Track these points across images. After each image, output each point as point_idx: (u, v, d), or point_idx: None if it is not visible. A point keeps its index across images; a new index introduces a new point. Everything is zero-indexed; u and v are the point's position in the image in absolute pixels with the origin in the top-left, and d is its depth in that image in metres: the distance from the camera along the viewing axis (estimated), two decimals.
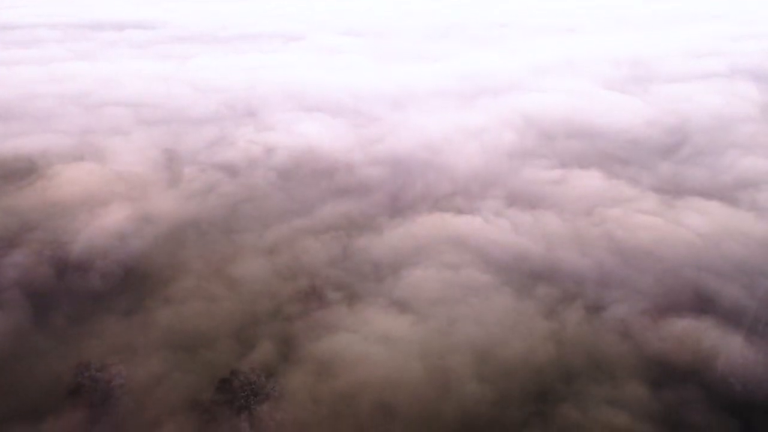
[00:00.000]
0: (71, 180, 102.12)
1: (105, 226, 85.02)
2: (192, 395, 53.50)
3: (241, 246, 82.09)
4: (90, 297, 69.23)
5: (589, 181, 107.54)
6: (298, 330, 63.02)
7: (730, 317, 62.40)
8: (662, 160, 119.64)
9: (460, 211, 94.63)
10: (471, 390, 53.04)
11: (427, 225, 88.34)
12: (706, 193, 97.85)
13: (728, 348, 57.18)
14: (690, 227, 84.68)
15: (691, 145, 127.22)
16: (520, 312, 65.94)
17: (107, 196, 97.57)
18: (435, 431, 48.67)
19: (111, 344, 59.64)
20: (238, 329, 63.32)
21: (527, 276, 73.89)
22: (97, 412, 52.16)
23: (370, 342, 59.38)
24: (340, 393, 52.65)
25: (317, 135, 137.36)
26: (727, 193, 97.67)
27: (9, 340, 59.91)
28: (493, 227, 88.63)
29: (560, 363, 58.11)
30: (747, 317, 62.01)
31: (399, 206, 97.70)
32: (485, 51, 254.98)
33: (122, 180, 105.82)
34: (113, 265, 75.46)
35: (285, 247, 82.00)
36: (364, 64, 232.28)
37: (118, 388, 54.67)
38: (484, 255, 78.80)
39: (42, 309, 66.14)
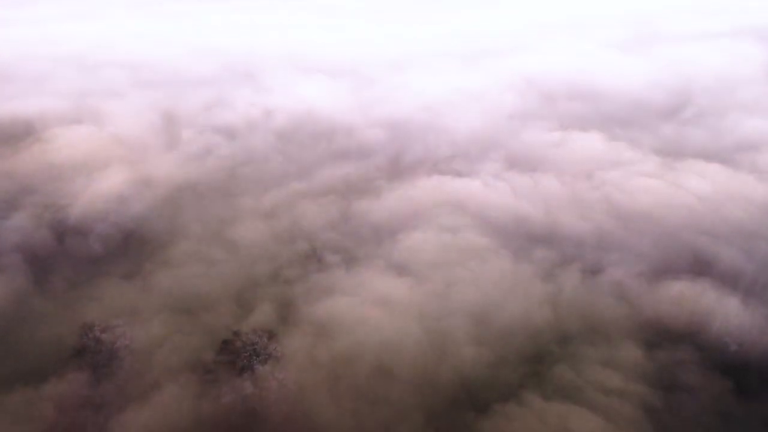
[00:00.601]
0: (69, 143, 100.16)
1: (103, 190, 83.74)
2: (193, 356, 53.31)
3: (239, 209, 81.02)
4: (89, 260, 68.58)
5: (590, 144, 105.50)
6: (296, 293, 62.51)
7: (728, 280, 61.75)
8: (664, 122, 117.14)
9: (459, 174, 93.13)
10: (468, 352, 52.86)
11: (426, 188, 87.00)
12: (707, 156, 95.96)
13: (725, 309, 56.73)
14: (690, 190, 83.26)
15: (694, 106, 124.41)
16: (518, 275, 65.29)
17: (105, 159, 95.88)
18: (432, 393, 48.62)
19: (111, 307, 59.14)
20: (237, 292, 62.81)
21: (526, 239, 72.98)
22: (101, 373, 52.11)
23: (368, 305, 58.90)
24: (338, 355, 52.42)
25: (316, 97, 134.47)
26: (728, 156, 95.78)
27: (10, 304, 59.47)
28: (492, 190, 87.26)
29: (556, 325, 57.83)
30: (744, 279, 61.36)
31: (398, 169, 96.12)
32: (486, 10, 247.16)
33: (120, 143, 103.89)
34: (112, 229, 74.52)
35: (284, 211, 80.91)
36: (364, 24, 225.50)
37: (122, 348, 54.59)
38: (483, 218, 77.71)
39: (42, 272, 65.54)
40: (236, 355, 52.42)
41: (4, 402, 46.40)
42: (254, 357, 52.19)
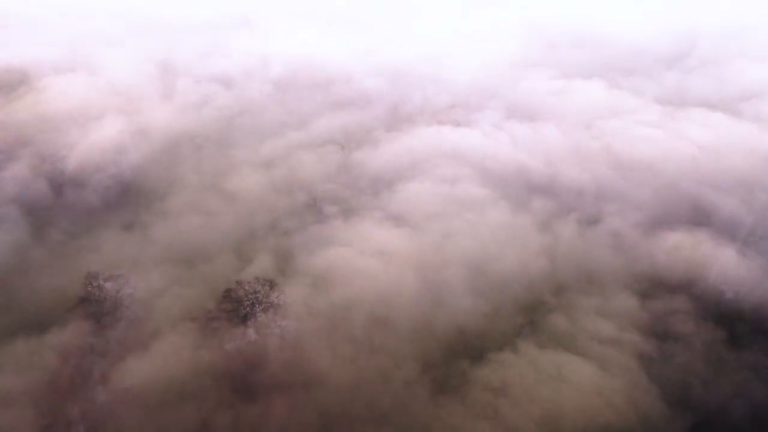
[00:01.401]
0: (63, 92, 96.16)
1: (100, 140, 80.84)
2: (194, 306, 52.57)
3: (237, 160, 78.65)
4: (88, 211, 66.94)
5: (591, 92, 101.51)
6: (295, 244, 61.27)
7: (726, 230, 60.27)
8: (667, 69, 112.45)
9: (458, 124, 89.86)
10: (464, 302, 52.09)
11: (425, 138, 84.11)
12: (710, 104, 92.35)
13: (722, 259, 55.47)
14: (691, 139, 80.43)
15: (699, 54, 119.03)
16: (516, 225, 63.83)
17: (101, 108, 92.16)
18: (428, 342, 48.16)
19: (111, 258, 58.02)
20: (236, 243, 61.58)
21: (524, 189, 71.15)
22: (105, 321, 51.53)
23: (366, 255, 57.71)
24: (336, 305, 51.65)
25: (314, 45, 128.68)
26: (731, 105, 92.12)
27: (9, 255, 58.21)
28: (491, 140, 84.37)
29: (552, 275, 56.98)
30: (743, 230, 59.81)
31: (397, 119, 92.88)
32: None
33: (115, 92, 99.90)
34: (109, 180, 72.45)
35: (281, 161, 78.57)
36: None
37: (126, 297, 53.86)
38: (482, 168, 75.45)
39: (40, 224, 63.96)
40: (238, 303, 51.75)
41: (7, 351, 45.90)
42: (256, 305, 51.55)
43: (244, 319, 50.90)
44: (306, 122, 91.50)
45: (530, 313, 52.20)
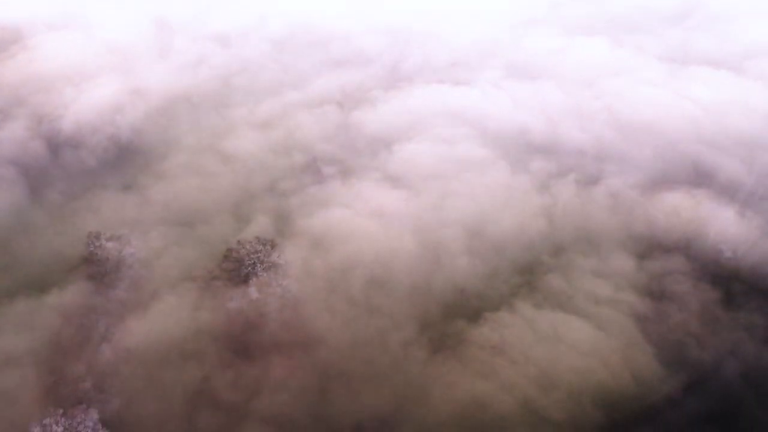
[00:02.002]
0: (56, 51, 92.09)
1: (95, 100, 77.93)
2: (193, 267, 51.51)
3: (234, 120, 75.94)
4: (85, 172, 65.18)
5: (593, 50, 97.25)
6: (292, 205, 59.78)
7: (726, 190, 58.54)
8: (672, 26, 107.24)
9: (458, 83, 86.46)
10: (461, 263, 51.07)
11: (424, 97, 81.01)
12: (714, 62, 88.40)
13: (720, 220, 53.98)
14: (694, 99, 77.39)
15: (703, 10, 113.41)
16: (514, 186, 62.13)
17: (96, 67, 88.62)
18: (425, 303, 47.34)
19: (109, 219, 56.60)
20: (233, 205, 60.12)
21: (524, 150, 68.90)
22: (108, 281, 50.58)
23: (364, 216, 56.36)
24: (334, 266, 50.67)
25: (312, 2, 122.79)
26: (736, 63, 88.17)
27: (8, 216, 56.72)
28: (491, 99, 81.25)
29: (550, 236, 55.74)
30: (743, 190, 58.02)
31: (395, 78, 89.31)
32: None
33: (110, 50, 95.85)
34: (106, 140, 70.17)
35: (279, 121, 75.91)
36: None
37: (128, 257, 52.78)
38: (481, 128, 72.95)
39: (38, 185, 62.27)
40: (240, 263, 50.74)
41: (6, 312, 45.05)
42: (258, 265, 50.54)
43: (246, 279, 50.02)
44: (304, 81, 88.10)
45: (528, 273, 51.24)
